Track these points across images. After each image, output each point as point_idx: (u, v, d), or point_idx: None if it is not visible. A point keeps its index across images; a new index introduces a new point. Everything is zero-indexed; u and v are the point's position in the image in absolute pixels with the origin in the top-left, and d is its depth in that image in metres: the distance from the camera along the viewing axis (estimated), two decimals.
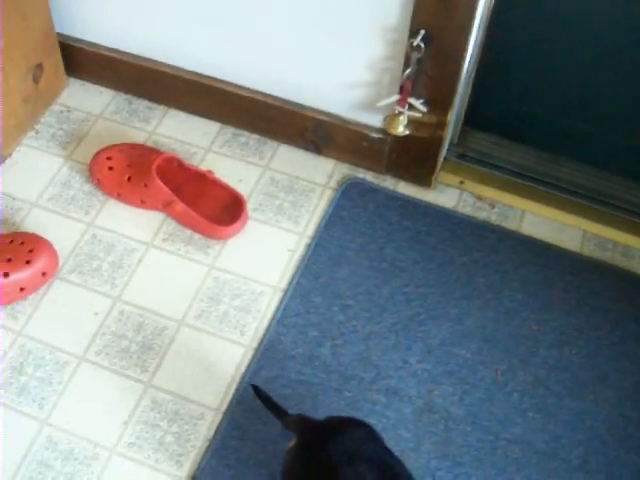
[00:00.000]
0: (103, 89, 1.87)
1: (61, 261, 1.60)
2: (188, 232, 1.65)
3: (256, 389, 1.37)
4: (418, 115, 1.56)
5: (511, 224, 1.68)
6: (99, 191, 1.70)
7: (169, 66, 1.77)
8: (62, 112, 1.83)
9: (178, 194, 1.63)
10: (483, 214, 1.69)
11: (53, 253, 1.57)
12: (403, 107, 1.56)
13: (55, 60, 1.80)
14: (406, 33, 1.46)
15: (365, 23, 1.50)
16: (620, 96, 1.58)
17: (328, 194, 1.71)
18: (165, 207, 1.64)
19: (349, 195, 1.70)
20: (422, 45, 1.43)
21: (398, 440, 1.40)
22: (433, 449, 1.40)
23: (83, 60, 1.84)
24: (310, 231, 1.66)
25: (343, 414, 1.38)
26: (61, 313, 1.55)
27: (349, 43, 1.55)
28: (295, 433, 1.21)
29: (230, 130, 1.81)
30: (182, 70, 1.77)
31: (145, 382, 1.47)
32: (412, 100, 1.54)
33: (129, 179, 1.65)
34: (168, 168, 1.65)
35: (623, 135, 1.64)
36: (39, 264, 1.54)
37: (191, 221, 1.63)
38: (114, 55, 1.80)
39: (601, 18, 1.47)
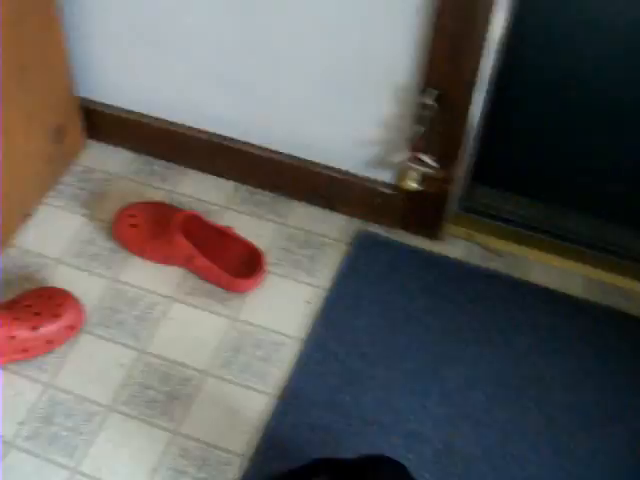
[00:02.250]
0: (122, 150, 1.94)
1: (87, 315, 1.66)
2: (209, 286, 1.71)
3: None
4: (429, 171, 1.64)
5: (519, 273, 1.75)
6: (121, 248, 1.77)
7: (186, 127, 1.85)
8: (83, 172, 1.90)
9: (199, 249, 1.69)
10: (492, 264, 1.76)
11: (80, 307, 1.63)
12: (414, 163, 1.64)
13: (76, 122, 1.88)
14: (416, 92, 1.55)
15: (377, 83, 1.59)
16: (620, 151, 1.67)
17: (343, 248, 1.78)
18: (187, 262, 1.70)
19: (363, 248, 1.77)
20: (435, 105, 1.51)
21: None
22: None
23: (103, 122, 1.92)
24: (327, 284, 1.72)
25: None
26: (88, 365, 1.60)
27: (361, 102, 1.63)
28: (325, 476, 1.23)
29: (246, 188, 1.88)
30: (198, 131, 1.85)
31: (172, 430, 1.51)
32: (423, 156, 1.62)
33: (152, 236, 1.72)
34: (189, 225, 1.72)
35: (624, 187, 1.73)
36: (67, 318, 1.60)
37: (212, 275, 1.69)
38: (133, 117, 1.88)
39: (602, 75, 1.57)
